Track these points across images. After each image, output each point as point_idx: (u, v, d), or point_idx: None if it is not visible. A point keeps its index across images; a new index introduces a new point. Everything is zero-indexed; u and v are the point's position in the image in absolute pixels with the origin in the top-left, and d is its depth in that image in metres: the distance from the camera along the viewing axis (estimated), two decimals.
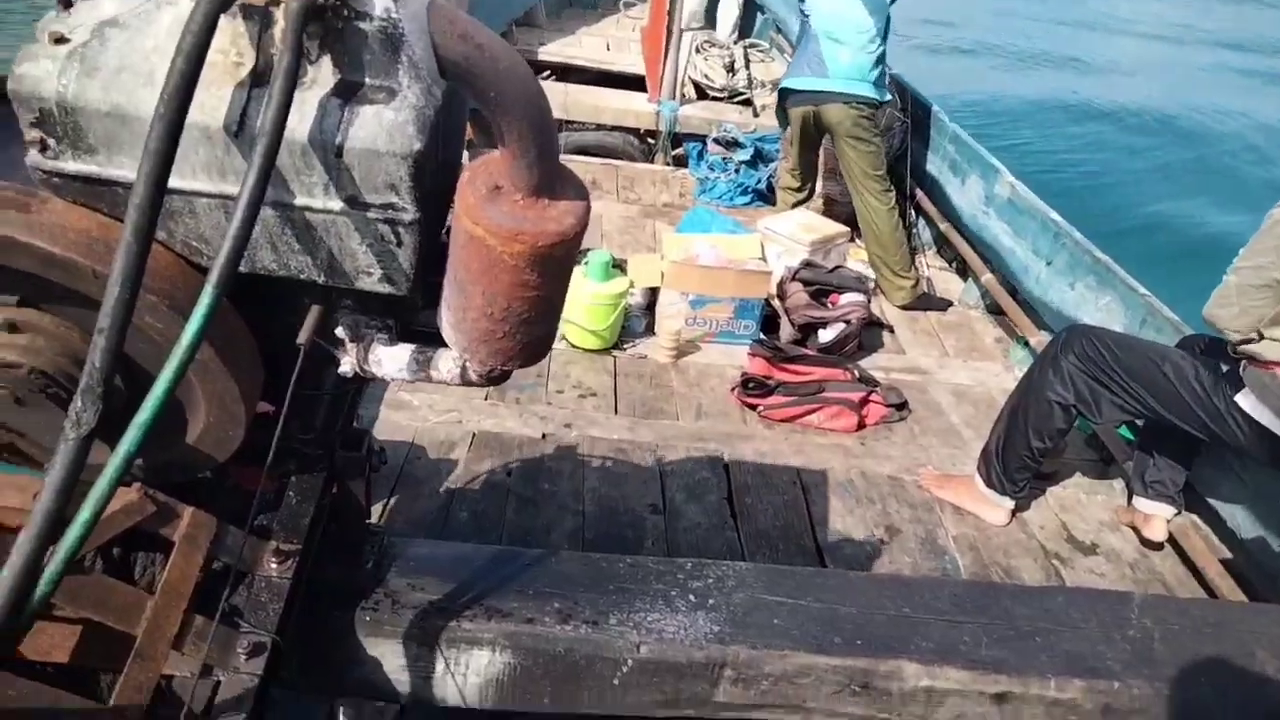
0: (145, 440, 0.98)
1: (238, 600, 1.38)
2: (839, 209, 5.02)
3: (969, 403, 3.66)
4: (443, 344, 1.38)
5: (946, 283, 4.78)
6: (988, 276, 4.41)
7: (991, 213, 4.53)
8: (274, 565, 1.40)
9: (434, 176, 1.20)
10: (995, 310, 4.42)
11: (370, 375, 1.41)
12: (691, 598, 1.61)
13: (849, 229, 4.50)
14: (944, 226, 4.89)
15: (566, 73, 6.99)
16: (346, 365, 1.40)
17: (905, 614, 1.64)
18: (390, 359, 1.38)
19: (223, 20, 0.99)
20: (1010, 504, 2.89)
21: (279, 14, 1.05)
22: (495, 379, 1.38)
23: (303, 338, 1.30)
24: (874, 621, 1.61)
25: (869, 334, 4.03)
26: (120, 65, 1.06)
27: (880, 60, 4.52)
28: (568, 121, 6.10)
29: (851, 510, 2.91)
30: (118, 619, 1.20)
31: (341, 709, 2.03)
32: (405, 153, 1.10)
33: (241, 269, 1.23)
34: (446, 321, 1.30)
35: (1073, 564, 2.78)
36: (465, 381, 1.38)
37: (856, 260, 4.57)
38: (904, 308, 4.38)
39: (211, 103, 1.07)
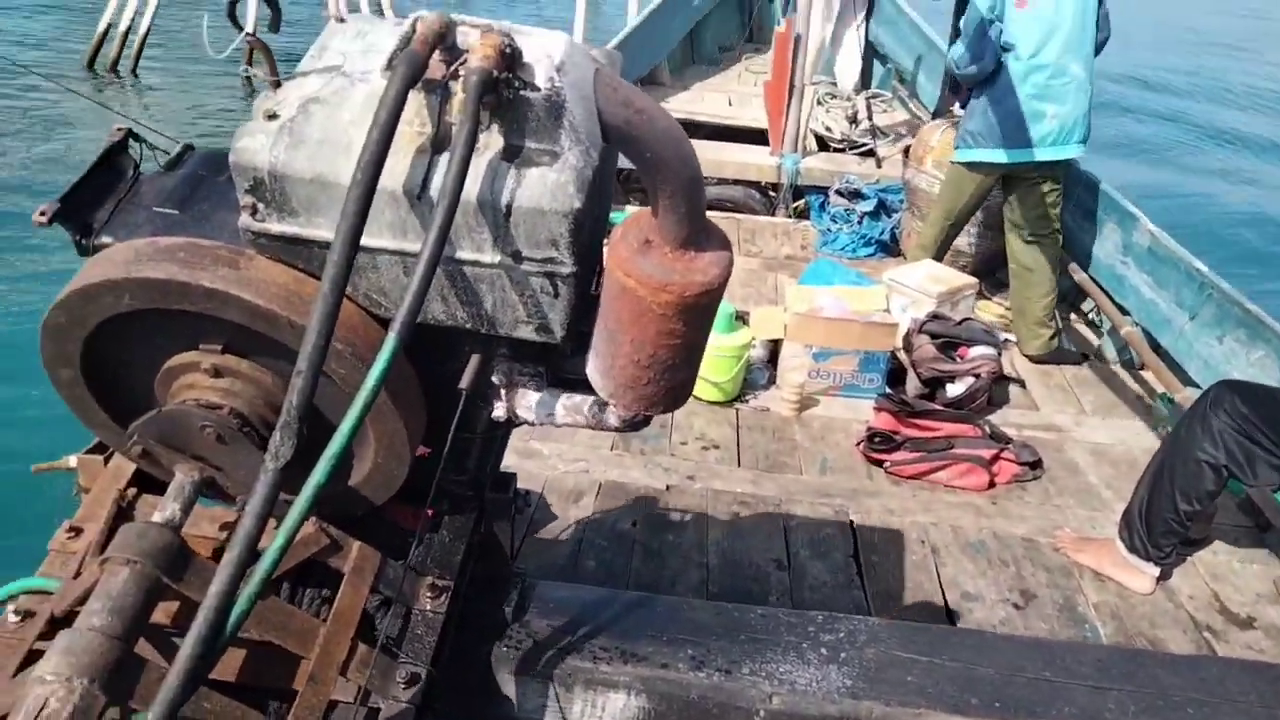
0: (333, 473, 1.08)
1: (393, 632, 1.47)
2: (964, 260, 4.93)
3: (1108, 462, 3.51)
4: (588, 390, 1.45)
5: (1082, 336, 4.62)
6: (1128, 329, 4.23)
7: (1130, 262, 4.37)
8: (429, 599, 1.48)
9: (589, 232, 1.29)
10: (1135, 365, 4.23)
11: (520, 420, 1.50)
12: (823, 651, 1.62)
13: (977, 280, 4.42)
14: (1079, 277, 4.73)
15: (689, 128, 7.09)
16: (499, 410, 1.49)
17: (1046, 678, 1.60)
18: (540, 404, 1.47)
19: (409, 94, 1.10)
20: (1155, 571, 2.75)
21: (458, 87, 1.16)
22: (637, 424, 1.44)
23: (464, 383, 1.40)
24: (1013, 684, 1.57)
25: (999, 389, 3.92)
26: (322, 137, 1.19)
27: (1090, 110, 4.14)
28: None
29: (984, 572, 2.83)
30: (296, 643, 1.30)
31: None
32: (566, 210, 1.19)
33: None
34: (595, 368, 1.37)
35: (1227, 637, 2.62)
36: (609, 427, 1.45)
37: (986, 314, 4.48)
38: (1038, 360, 4.24)
39: (397, 169, 1.18)
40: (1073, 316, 4.84)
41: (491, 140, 1.21)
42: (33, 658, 1.19)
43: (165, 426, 1.29)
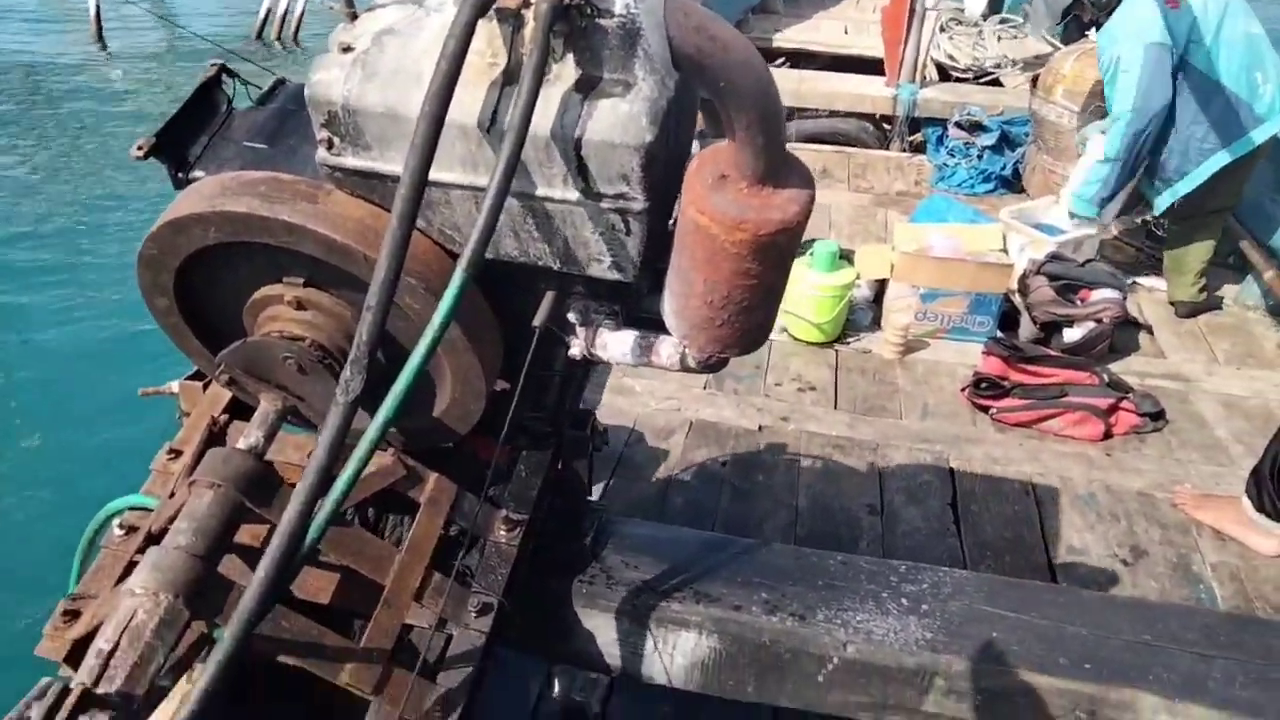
0: (401, 408, 1.09)
1: (469, 563, 1.50)
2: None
3: (1241, 416, 3.27)
4: (665, 330, 1.42)
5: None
6: (1271, 273, 3.89)
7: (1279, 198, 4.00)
8: (504, 532, 1.50)
9: (664, 166, 1.24)
10: (1278, 312, 3.91)
11: (597, 358, 1.48)
12: (904, 601, 1.57)
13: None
14: None
15: (801, 59, 6.89)
16: (575, 348, 1.48)
17: (1145, 641, 1.51)
18: (615, 343, 1.45)
19: (480, 23, 1.07)
20: None
21: (529, 15, 1.12)
22: (713, 366, 1.40)
23: (538, 321, 1.39)
24: (1108, 646, 1.49)
25: (1123, 335, 3.69)
26: (395, 69, 1.18)
27: None
28: (800, 109, 6.01)
29: (1092, 526, 2.69)
30: (372, 568, 1.34)
31: (556, 676, 2.16)
32: (638, 144, 1.15)
33: (487, 255, 1.34)
34: (668, 308, 1.34)
35: None
36: (684, 367, 1.42)
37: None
38: (1189, 314, 3.94)
39: (467, 101, 1.16)
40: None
41: (564, 71, 1.17)
42: (133, 570, 1.27)
43: (250, 356, 1.33)
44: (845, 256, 3.79)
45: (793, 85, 6.04)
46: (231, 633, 1.03)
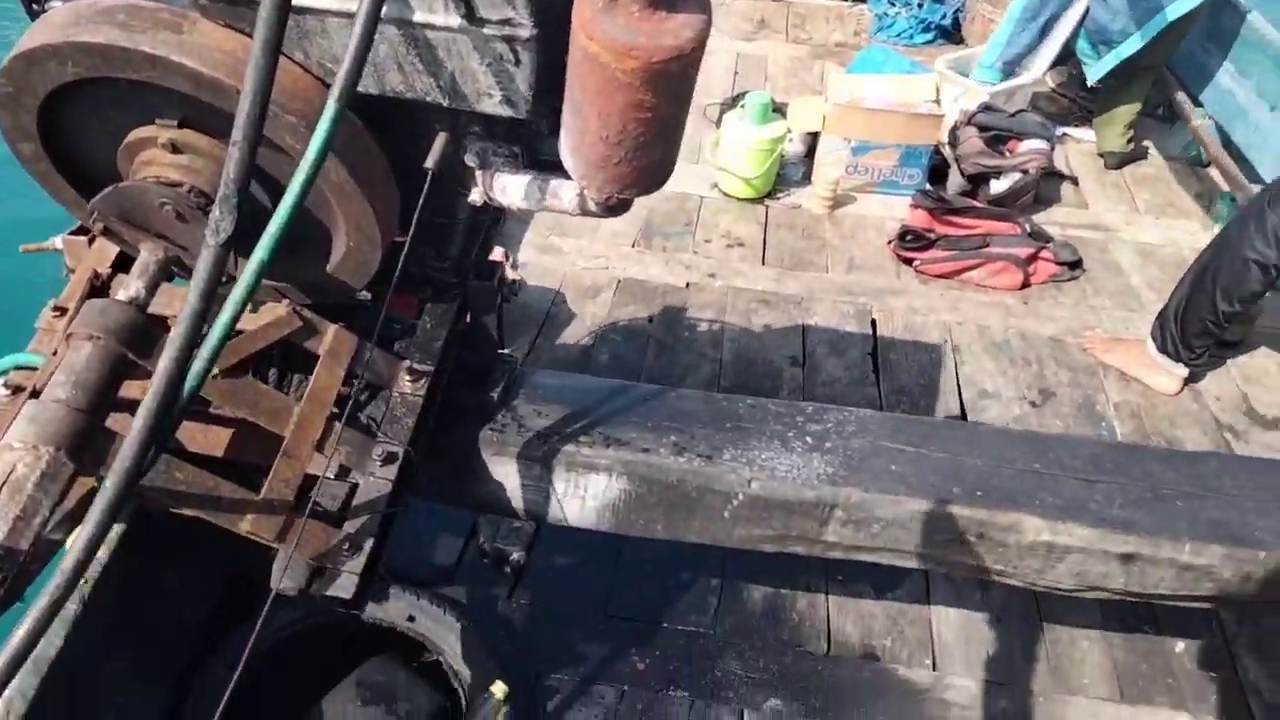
0: (277, 250, 1.05)
1: (376, 414, 1.49)
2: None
3: (1155, 264, 3.35)
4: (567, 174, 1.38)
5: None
6: (1198, 122, 3.91)
7: (1212, 48, 3.98)
8: (408, 383, 1.49)
9: None
10: (1200, 163, 3.95)
11: (496, 203, 1.44)
12: (809, 439, 1.61)
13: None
14: None
15: None
16: (475, 194, 1.44)
17: (1035, 469, 1.58)
18: (514, 186, 1.40)
19: None
20: (1184, 372, 2.67)
21: None
22: (614, 208, 1.37)
23: (430, 162, 1.34)
24: (999, 475, 1.56)
25: (1048, 186, 3.71)
26: None
27: None
28: None
29: (1004, 371, 2.78)
30: (268, 420, 1.33)
31: (482, 525, 2.21)
32: None
33: (372, 90, 1.27)
34: (565, 146, 1.29)
35: (1248, 438, 2.57)
36: (585, 211, 1.38)
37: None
38: (1118, 166, 3.96)
39: None
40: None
41: None
42: None
43: (124, 203, 1.27)
44: (779, 110, 3.71)
45: None
46: (113, 482, 1.01)
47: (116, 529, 1.49)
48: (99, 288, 1.41)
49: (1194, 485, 1.56)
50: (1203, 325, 2.57)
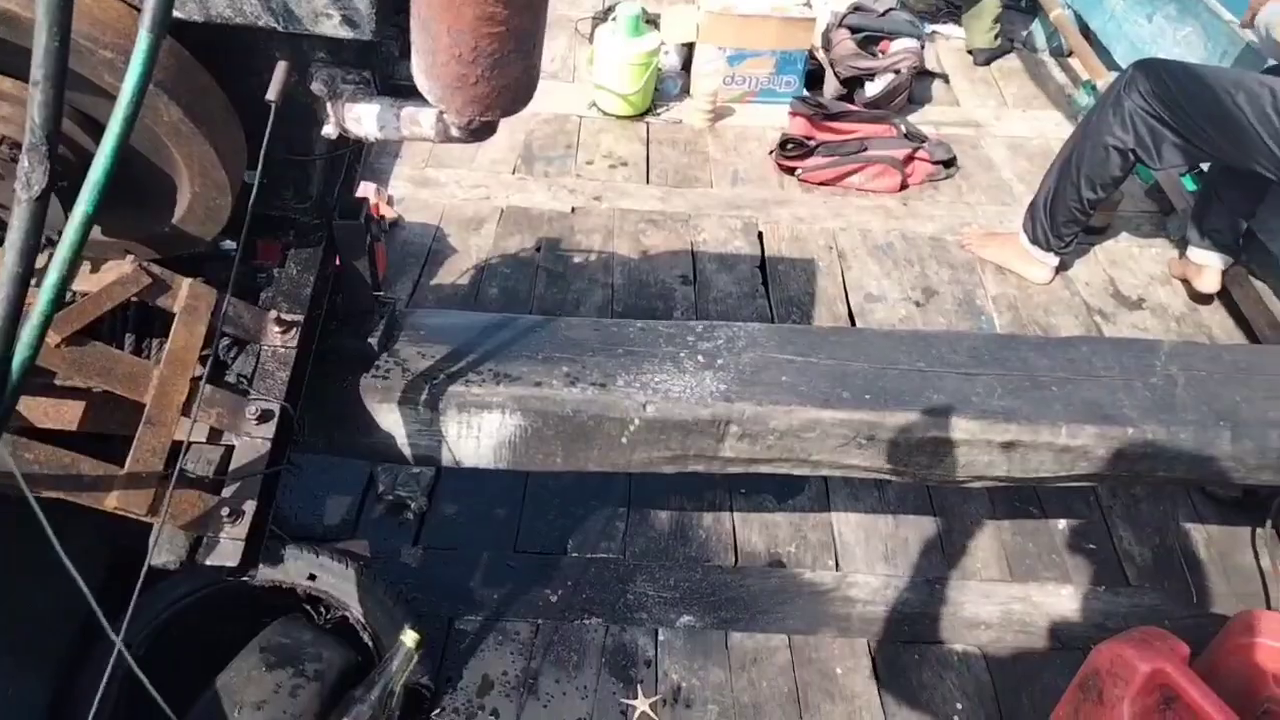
0: (102, 199, 0.95)
1: (246, 370, 1.41)
2: None
3: (1024, 156, 3.45)
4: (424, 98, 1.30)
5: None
6: (1057, 12, 4.00)
7: None
8: (278, 335, 1.41)
9: None
10: (1063, 53, 4.06)
11: (352, 135, 1.35)
12: (700, 358, 1.60)
13: None
14: None
15: None
16: (329, 126, 1.34)
17: (919, 368, 1.61)
18: (368, 115, 1.31)
19: None
20: (1054, 261, 2.78)
21: None
22: (477, 131, 1.30)
23: (271, 94, 1.23)
24: (885, 376, 1.59)
25: (920, 85, 3.76)
26: None
27: None
28: None
29: (889, 273, 2.83)
30: (125, 387, 1.24)
31: (380, 474, 2.15)
32: None
33: (196, 17, 1.16)
34: (418, 68, 1.21)
35: (1115, 319, 2.70)
36: (448, 137, 1.31)
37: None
38: (986, 62, 4.02)
39: None
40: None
41: None
42: None
43: None
44: (651, 21, 3.62)
45: None
46: None
47: None
48: None
49: (1067, 370, 1.63)
50: (1070, 214, 2.67)
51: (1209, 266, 2.69)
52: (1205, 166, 2.77)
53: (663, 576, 2.02)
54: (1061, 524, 2.19)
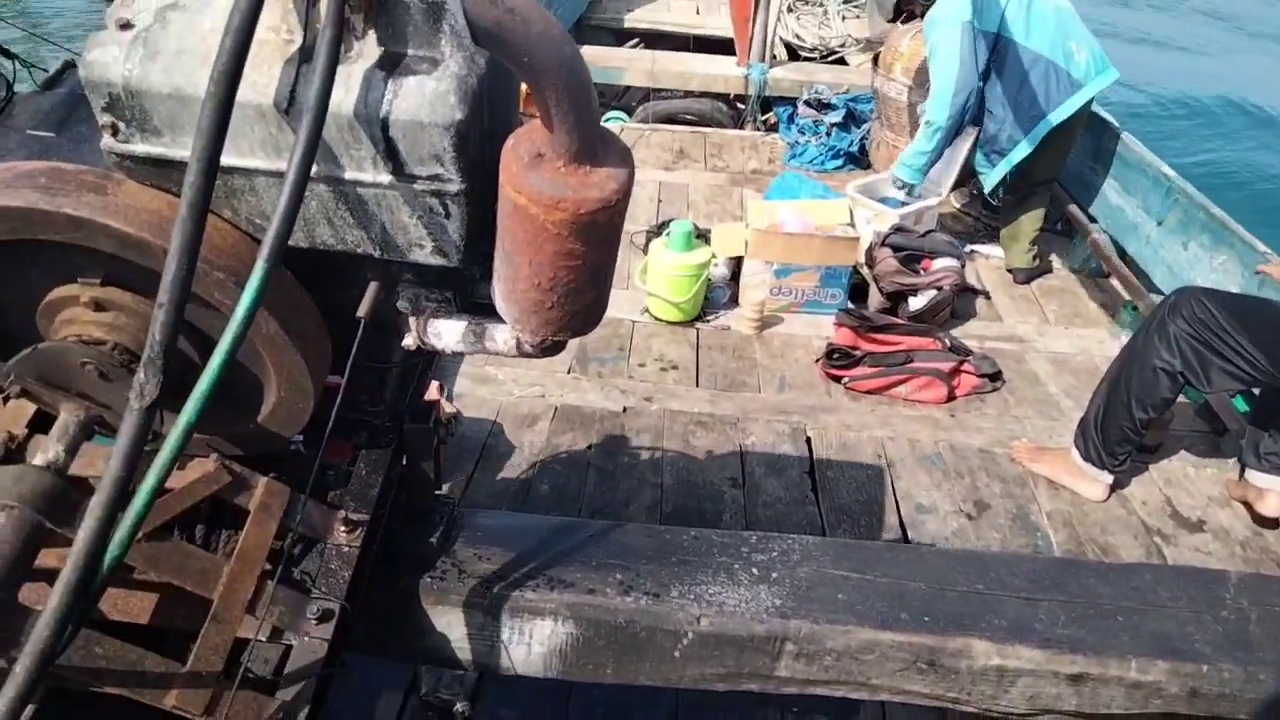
0: (204, 410, 1.02)
1: (310, 568, 1.43)
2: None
3: (1069, 372, 3.49)
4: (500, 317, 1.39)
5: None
6: (1094, 236, 4.17)
7: (1099, 168, 4.29)
8: (344, 534, 1.45)
9: (482, 146, 1.21)
10: (1102, 274, 4.19)
11: (431, 348, 1.44)
12: (755, 571, 1.60)
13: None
14: None
15: (654, 39, 6.92)
16: (409, 339, 1.43)
17: (978, 590, 1.59)
18: (448, 331, 1.41)
19: None
20: (1109, 479, 2.75)
21: None
22: (549, 349, 1.38)
23: (362, 311, 1.33)
24: (944, 598, 1.57)
25: (963, 301, 3.88)
26: (179, 48, 1.10)
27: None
28: (655, 90, 6.04)
29: (939, 484, 2.82)
30: (195, 583, 1.27)
31: (422, 676, 2.11)
32: (447, 123, 1.11)
33: (302, 244, 1.27)
34: (498, 293, 1.31)
35: (1176, 541, 2.63)
36: (521, 353, 1.39)
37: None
38: (1026, 280, 4.17)
39: (263, 81, 1.10)
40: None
41: (366, 48, 1.12)
42: None
43: (43, 364, 1.23)
44: (702, 235, 3.83)
45: (647, 66, 6.06)
46: (24, 665, 0.94)
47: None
48: (13, 451, 1.35)
49: (1131, 599, 1.59)
50: (1122, 433, 2.67)
51: (1269, 490, 2.64)
52: (1257, 391, 2.78)
53: None
54: None
